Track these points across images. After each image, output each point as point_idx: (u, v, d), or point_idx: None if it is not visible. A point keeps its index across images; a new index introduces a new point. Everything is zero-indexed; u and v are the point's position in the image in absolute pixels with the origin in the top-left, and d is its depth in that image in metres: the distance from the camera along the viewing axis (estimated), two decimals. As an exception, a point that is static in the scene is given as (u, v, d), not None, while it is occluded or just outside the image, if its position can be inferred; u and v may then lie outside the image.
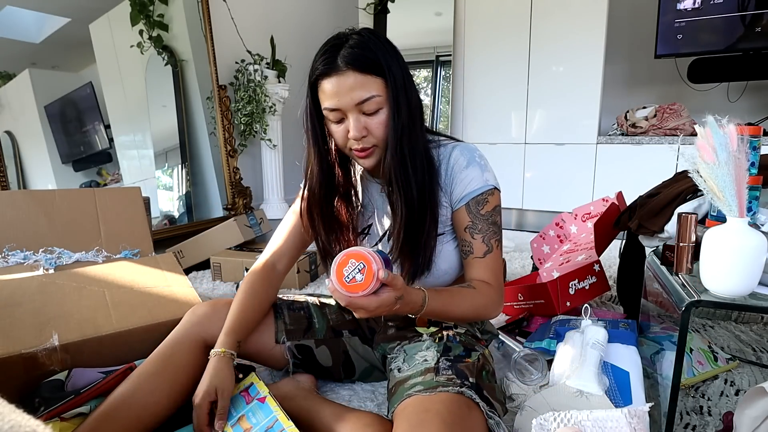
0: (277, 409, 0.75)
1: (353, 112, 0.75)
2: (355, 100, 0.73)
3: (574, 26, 2.54)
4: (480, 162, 0.83)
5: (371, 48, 0.74)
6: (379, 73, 0.74)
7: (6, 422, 0.24)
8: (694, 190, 0.99)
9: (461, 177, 0.82)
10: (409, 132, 0.77)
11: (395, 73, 0.75)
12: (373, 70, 0.73)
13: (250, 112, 2.22)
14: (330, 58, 0.73)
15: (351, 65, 0.72)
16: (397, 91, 0.75)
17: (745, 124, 0.77)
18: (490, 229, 0.82)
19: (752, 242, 0.65)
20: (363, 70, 0.73)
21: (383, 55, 0.74)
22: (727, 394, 0.96)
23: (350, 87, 0.73)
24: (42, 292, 1.01)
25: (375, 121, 0.75)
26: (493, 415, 0.70)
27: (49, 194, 1.37)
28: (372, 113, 0.75)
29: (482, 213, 0.82)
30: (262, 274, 0.92)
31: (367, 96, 0.73)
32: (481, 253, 0.82)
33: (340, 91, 0.73)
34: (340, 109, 0.75)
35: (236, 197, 2.34)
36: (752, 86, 2.53)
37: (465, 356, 0.80)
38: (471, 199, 0.81)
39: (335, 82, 0.73)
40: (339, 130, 0.78)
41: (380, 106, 0.75)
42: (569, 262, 1.33)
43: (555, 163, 2.70)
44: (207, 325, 0.86)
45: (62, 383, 0.83)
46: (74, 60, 1.86)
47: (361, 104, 0.73)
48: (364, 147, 0.77)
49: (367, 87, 0.73)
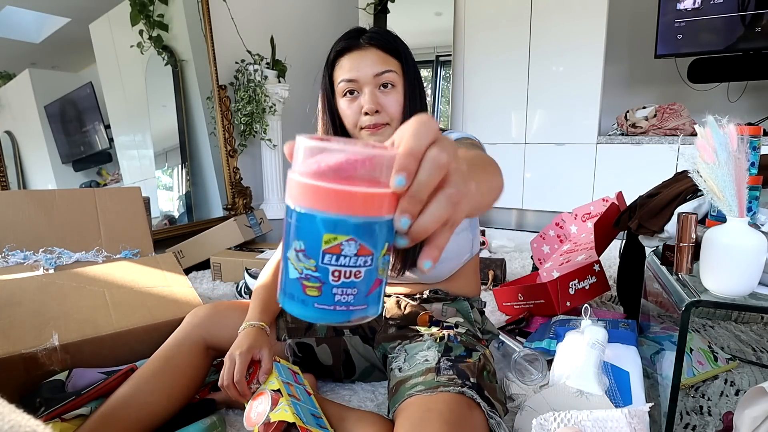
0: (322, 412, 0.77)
1: (369, 85, 0.78)
2: (375, 71, 0.78)
3: (574, 26, 2.54)
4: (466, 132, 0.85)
5: (392, 35, 0.81)
6: (397, 57, 0.80)
7: (6, 422, 0.24)
8: (694, 190, 0.99)
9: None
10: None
11: (410, 63, 0.81)
12: (393, 52, 0.80)
13: (250, 112, 2.22)
14: (353, 38, 0.80)
15: (373, 43, 0.79)
16: (412, 78, 0.81)
17: (745, 124, 0.77)
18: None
19: (752, 242, 0.65)
20: (384, 49, 0.79)
21: (402, 45, 0.81)
22: (727, 394, 0.96)
23: (371, 60, 0.78)
24: (42, 292, 1.01)
25: (389, 98, 0.79)
26: (494, 415, 0.70)
27: (49, 194, 1.37)
28: (387, 89, 0.79)
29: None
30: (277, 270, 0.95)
31: (386, 69, 0.78)
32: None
33: (361, 63, 0.78)
34: (357, 81, 0.79)
35: (236, 197, 2.34)
36: (752, 86, 2.53)
37: (466, 356, 0.80)
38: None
39: (356, 55, 0.79)
40: (352, 106, 0.80)
41: (395, 82, 0.79)
42: (569, 262, 1.33)
43: (555, 163, 2.70)
44: (208, 327, 0.86)
45: (62, 383, 0.83)
46: (74, 60, 1.86)
47: (379, 76, 0.78)
48: (377, 122, 0.79)
49: (386, 62, 0.79)
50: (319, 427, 0.72)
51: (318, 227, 0.26)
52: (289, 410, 0.68)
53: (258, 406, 0.72)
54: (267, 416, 0.69)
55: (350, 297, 0.28)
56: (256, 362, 0.79)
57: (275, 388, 0.73)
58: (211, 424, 0.81)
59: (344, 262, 0.27)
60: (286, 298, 0.29)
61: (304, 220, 0.26)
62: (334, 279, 0.27)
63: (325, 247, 0.26)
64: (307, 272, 0.27)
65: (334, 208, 0.26)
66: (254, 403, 0.73)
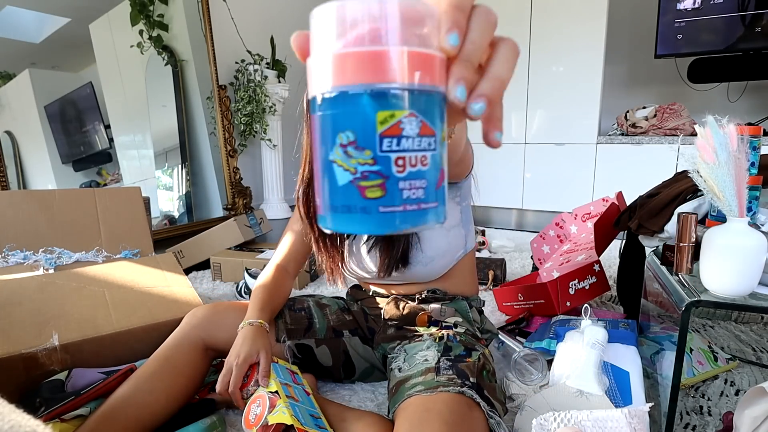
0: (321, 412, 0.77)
1: None
2: None
3: (574, 26, 2.54)
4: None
5: None
6: None
7: (6, 422, 0.24)
8: (694, 190, 0.99)
9: None
10: None
11: None
12: None
13: (250, 112, 2.22)
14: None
15: None
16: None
17: (745, 124, 0.77)
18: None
19: (752, 242, 0.65)
20: None
21: None
22: (727, 394, 0.96)
23: None
24: (42, 292, 1.01)
25: None
26: (493, 415, 0.70)
27: (49, 194, 1.37)
28: None
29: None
30: (276, 271, 0.96)
31: None
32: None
33: None
34: None
35: (236, 197, 2.34)
36: (752, 86, 2.53)
37: (465, 356, 0.80)
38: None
39: None
40: None
41: None
42: (569, 262, 1.33)
43: (555, 163, 2.70)
44: (207, 327, 0.86)
45: (62, 383, 0.83)
46: (74, 60, 1.86)
47: None
48: None
49: None
50: (317, 427, 0.72)
51: (369, 106, 0.21)
52: (287, 412, 0.68)
53: (256, 408, 0.72)
54: (265, 419, 0.69)
55: (420, 192, 0.23)
56: (253, 365, 0.79)
57: (273, 390, 0.73)
58: (211, 424, 0.81)
59: (407, 145, 0.22)
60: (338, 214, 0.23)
61: (349, 101, 0.21)
62: (398, 170, 0.22)
63: (382, 128, 0.21)
64: (364, 168, 0.22)
65: (386, 76, 0.21)
66: (252, 406, 0.73)
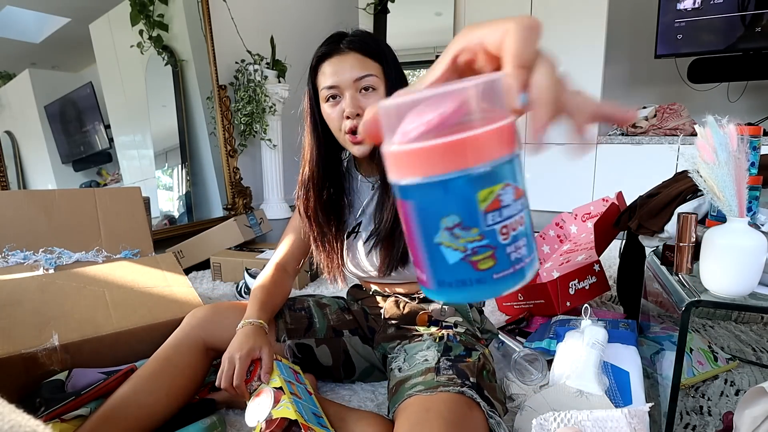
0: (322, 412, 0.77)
1: (350, 89, 0.78)
2: (354, 76, 0.77)
3: (574, 26, 2.54)
4: None
5: (372, 38, 0.81)
6: (378, 60, 0.79)
7: (6, 422, 0.24)
8: (694, 190, 0.98)
9: None
10: None
11: (392, 65, 0.80)
12: (373, 55, 0.79)
13: (250, 112, 2.22)
14: (333, 43, 0.80)
15: (352, 47, 0.78)
16: (393, 80, 0.80)
17: (745, 124, 0.77)
18: None
19: (752, 242, 0.65)
20: (364, 53, 0.78)
21: (382, 47, 0.81)
22: (727, 394, 0.96)
23: (350, 64, 0.78)
24: (42, 292, 1.01)
25: (370, 100, 0.79)
26: (493, 415, 0.70)
27: (49, 194, 1.37)
28: (368, 92, 0.79)
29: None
30: (276, 271, 0.96)
31: (365, 73, 0.78)
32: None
33: (340, 68, 0.78)
34: (338, 86, 0.79)
35: (236, 197, 2.34)
36: (752, 86, 2.53)
37: (465, 356, 0.80)
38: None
39: (336, 61, 0.79)
40: (335, 111, 0.80)
41: (376, 85, 0.79)
42: (569, 262, 1.33)
43: (555, 163, 2.70)
44: (207, 327, 0.86)
45: (62, 383, 0.83)
46: (74, 60, 1.86)
47: (358, 80, 0.78)
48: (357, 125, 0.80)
49: (366, 66, 0.78)
50: (320, 425, 0.72)
51: (469, 188, 0.22)
52: (291, 407, 0.68)
53: (260, 403, 0.72)
54: (269, 413, 0.69)
55: (523, 249, 0.24)
56: (256, 361, 0.79)
57: (277, 386, 0.74)
58: (211, 424, 0.81)
59: (508, 213, 0.23)
60: (453, 289, 0.24)
61: (448, 188, 0.22)
62: (503, 238, 0.23)
63: (485, 206, 0.22)
64: (473, 245, 0.23)
65: (479, 159, 0.22)
66: (257, 400, 0.73)
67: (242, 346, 0.77)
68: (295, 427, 0.68)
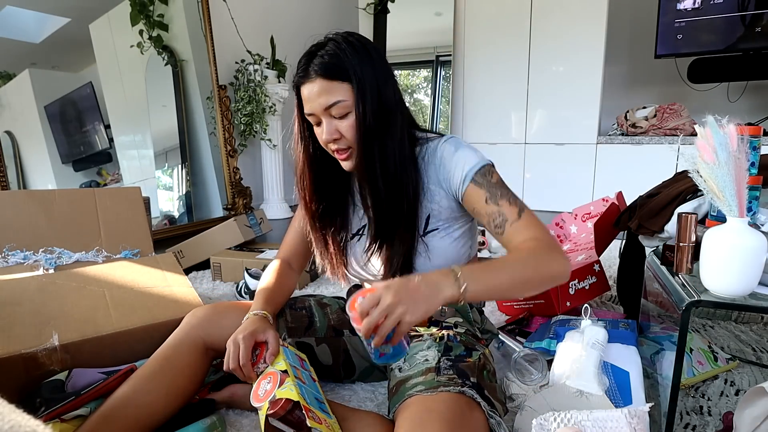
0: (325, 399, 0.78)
1: (325, 116, 0.78)
2: (323, 105, 0.77)
3: (574, 26, 2.54)
4: (468, 146, 0.84)
5: (339, 55, 0.76)
6: (345, 79, 0.77)
7: (6, 422, 0.24)
8: (694, 190, 0.98)
9: (454, 161, 0.81)
10: (379, 134, 0.78)
11: (365, 76, 0.77)
12: (339, 76, 0.76)
13: (250, 112, 2.22)
14: (305, 67, 0.78)
15: (319, 73, 0.76)
16: (364, 95, 0.77)
17: (745, 124, 0.77)
18: (509, 192, 0.79)
19: (752, 242, 0.65)
20: (329, 77, 0.76)
21: (351, 61, 0.76)
22: (727, 394, 0.96)
23: (318, 93, 0.77)
24: (42, 292, 1.01)
25: (344, 125, 0.78)
26: (494, 415, 0.70)
27: (49, 194, 1.37)
28: (341, 117, 0.78)
29: (494, 182, 0.80)
30: (281, 267, 0.96)
31: (333, 101, 0.77)
32: (516, 215, 0.76)
33: (311, 96, 0.78)
34: (314, 114, 0.79)
35: (236, 197, 2.34)
36: (752, 86, 2.53)
37: (466, 356, 0.80)
38: (475, 173, 0.79)
39: (308, 88, 0.78)
40: (318, 133, 0.81)
41: (348, 110, 0.78)
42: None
43: (555, 163, 2.70)
44: (207, 327, 0.86)
45: (62, 383, 0.83)
46: (74, 60, 1.87)
47: (328, 108, 0.77)
48: (339, 148, 0.80)
49: (333, 93, 0.76)
50: (321, 410, 0.72)
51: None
52: (294, 389, 0.69)
53: (266, 384, 0.73)
54: (273, 394, 0.69)
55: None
56: (262, 344, 0.79)
57: (283, 369, 0.74)
58: (211, 424, 0.81)
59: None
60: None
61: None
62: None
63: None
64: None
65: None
66: (262, 382, 0.74)
67: (246, 329, 0.79)
68: (298, 410, 0.68)
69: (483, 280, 0.66)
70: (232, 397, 0.91)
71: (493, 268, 0.69)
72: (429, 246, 0.85)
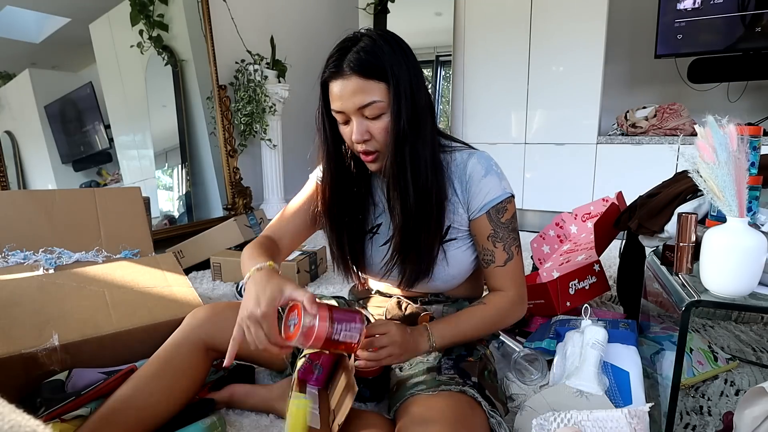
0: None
1: (356, 116, 0.75)
2: (357, 104, 0.73)
3: (574, 26, 2.54)
4: (497, 171, 0.83)
5: (377, 53, 0.73)
6: (383, 79, 0.73)
7: (6, 422, 0.24)
8: (694, 190, 0.98)
9: (480, 186, 0.81)
10: (411, 138, 0.76)
11: (401, 77, 0.74)
12: (377, 75, 0.73)
13: (250, 112, 2.23)
14: (337, 62, 0.74)
15: (355, 70, 0.72)
16: (399, 97, 0.74)
17: (745, 124, 0.77)
18: (510, 236, 0.83)
19: (752, 242, 0.65)
20: (366, 75, 0.73)
21: (389, 60, 0.73)
22: (727, 394, 0.96)
23: (353, 91, 0.73)
24: (42, 292, 1.01)
25: (377, 126, 0.75)
26: (495, 415, 0.70)
27: (49, 194, 1.37)
28: (374, 118, 0.75)
29: (503, 221, 0.82)
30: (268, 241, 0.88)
31: (368, 101, 0.73)
32: (502, 262, 0.83)
33: (343, 94, 0.74)
34: (344, 112, 0.75)
35: (236, 197, 2.34)
36: (752, 86, 2.53)
37: (467, 355, 0.80)
38: (491, 207, 0.81)
39: (340, 85, 0.74)
40: (346, 132, 0.78)
41: (382, 111, 0.74)
42: (569, 262, 1.33)
43: (555, 163, 2.70)
44: (207, 327, 0.86)
45: (63, 383, 0.83)
46: (74, 60, 1.87)
47: (362, 108, 0.74)
48: (367, 150, 0.77)
49: (369, 92, 0.73)
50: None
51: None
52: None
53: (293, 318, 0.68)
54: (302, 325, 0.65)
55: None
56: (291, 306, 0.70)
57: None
58: (211, 424, 0.81)
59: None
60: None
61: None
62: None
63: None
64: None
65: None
66: (291, 315, 0.69)
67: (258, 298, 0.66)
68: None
69: (448, 338, 0.81)
70: (232, 397, 0.91)
71: (458, 325, 0.82)
72: (447, 254, 0.85)
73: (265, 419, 0.88)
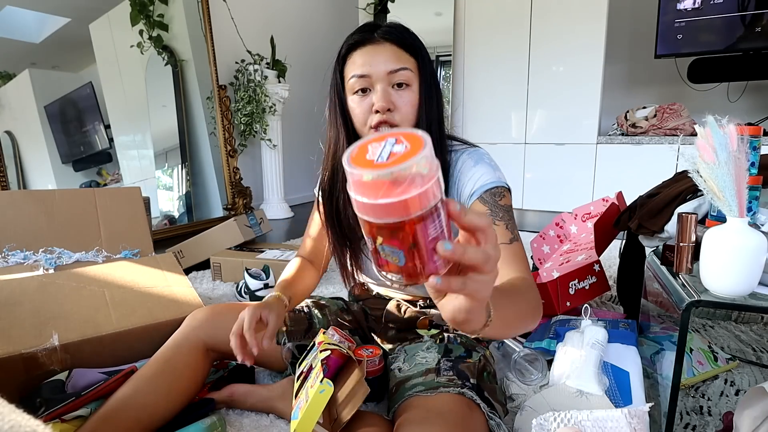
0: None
1: (382, 82, 0.72)
2: (389, 68, 0.72)
3: (574, 26, 2.54)
4: (489, 162, 0.80)
5: (409, 31, 0.76)
6: (414, 55, 0.74)
7: (6, 422, 0.24)
8: (694, 190, 0.98)
9: (470, 174, 0.78)
10: (438, 123, 0.76)
11: (427, 63, 0.76)
12: (409, 49, 0.74)
13: (250, 112, 2.23)
14: (367, 32, 0.74)
15: (388, 38, 0.73)
16: (428, 77, 0.75)
17: (745, 124, 0.77)
18: (511, 219, 0.74)
19: (752, 242, 0.65)
20: (400, 44, 0.73)
21: (419, 43, 0.76)
22: (727, 394, 0.96)
23: (385, 56, 0.72)
24: (42, 292, 1.01)
25: (403, 97, 0.73)
26: (493, 416, 0.70)
27: (49, 194, 1.37)
28: (401, 88, 0.73)
29: (500, 204, 0.74)
30: (302, 262, 0.94)
31: (400, 66, 0.72)
32: (507, 240, 0.71)
33: (373, 59, 0.72)
34: (370, 76, 0.72)
35: (236, 197, 2.34)
36: (752, 86, 2.53)
37: (466, 357, 0.80)
38: (485, 191, 0.75)
39: (369, 50, 0.73)
40: (362, 104, 0.74)
41: (410, 81, 0.73)
42: (569, 262, 1.33)
43: (555, 163, 2.70)
44: (207, 328, 0.86)
45: (63, 384, 0.83)
46: (74, 60, 1.87)
47: (393, 73, 0.72)
48: (388, 121, 0.72)
49: (401, 59, 0.73)
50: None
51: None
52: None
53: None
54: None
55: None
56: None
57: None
58: (211, 424, 0.81)
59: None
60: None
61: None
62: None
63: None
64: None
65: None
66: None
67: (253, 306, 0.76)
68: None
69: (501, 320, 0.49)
70: (231, 396, 0.91)
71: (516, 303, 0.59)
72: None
73: (265, 419, 0.88)
